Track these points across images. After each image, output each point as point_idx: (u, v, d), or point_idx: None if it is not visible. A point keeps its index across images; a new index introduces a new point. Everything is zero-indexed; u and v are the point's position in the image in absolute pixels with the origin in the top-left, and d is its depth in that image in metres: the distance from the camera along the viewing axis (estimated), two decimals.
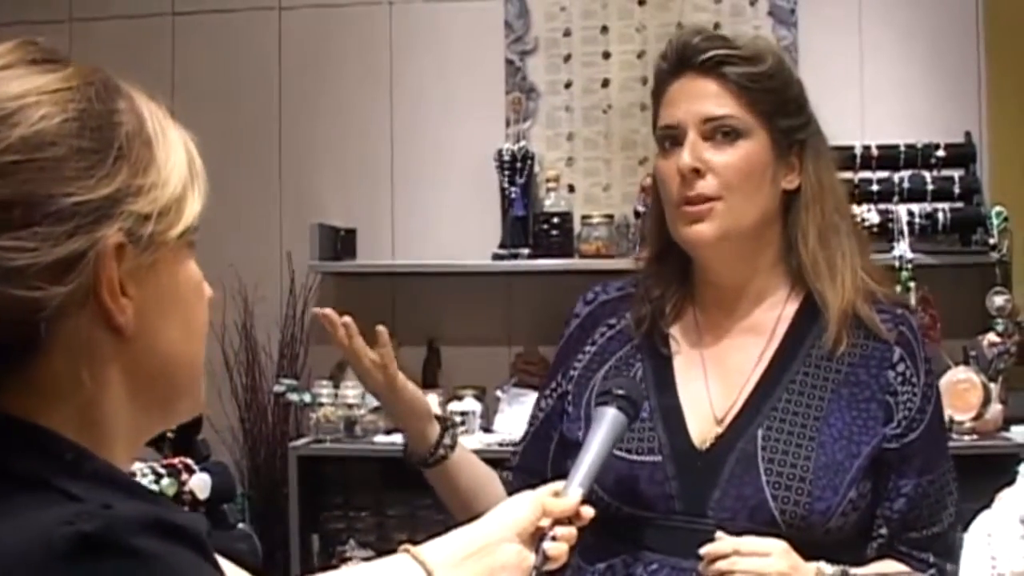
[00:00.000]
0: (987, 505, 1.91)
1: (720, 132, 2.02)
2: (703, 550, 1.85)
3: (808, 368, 2.04)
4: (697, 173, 2.01)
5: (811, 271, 2.05)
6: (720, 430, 2.01)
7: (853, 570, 1.92)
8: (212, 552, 1.04)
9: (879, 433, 2.00)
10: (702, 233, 2.01)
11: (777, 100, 2.06)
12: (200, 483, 3.07)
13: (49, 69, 1.09)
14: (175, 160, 1.13)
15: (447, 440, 2.15)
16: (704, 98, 2.03)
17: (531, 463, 2.21)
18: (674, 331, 2.12)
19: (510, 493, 1.99)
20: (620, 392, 1.83)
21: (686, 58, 2.05)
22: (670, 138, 2.06)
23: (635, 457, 2.00)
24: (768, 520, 1.93)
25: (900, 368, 2.03)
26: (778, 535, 1.89)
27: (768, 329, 2.08)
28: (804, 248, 2.06)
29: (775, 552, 1.84)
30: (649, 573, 1.97)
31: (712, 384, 2.05)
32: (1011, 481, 1.90)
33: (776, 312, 2.09)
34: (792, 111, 2.08)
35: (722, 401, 2.03)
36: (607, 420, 1.81)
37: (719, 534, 1.86)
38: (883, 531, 2.03)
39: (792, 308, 2.09)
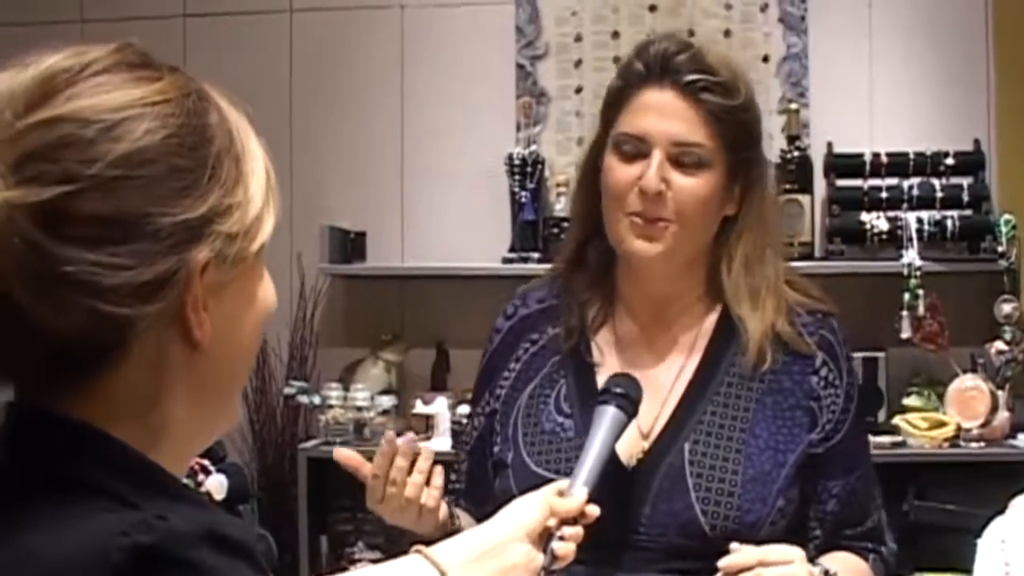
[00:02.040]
0: (999, 512, 1.92)
1: (685, 158, 2.02)
2: (721, 563, 1.86)
3: (732, 379, 2.05)
4: (659, 195, 2.00)
5: (733, 296, 2.06)
6: (646, 445, 2.02)
7: (827, 565, 1.96)
8: (262, 562, 1.04)
9: (804, 440, 2.02)
10: (650, 251, 2.02)
11: (743, 133, 2.06)
12: (216, 484, 3.09)
13: (146, 77, 1.08)
14: (258, 175, 1.13)
15: (455, 524, 2.08)
16: (679, 120, 2.02)
17: (477, 488, 2.18)
18: (598, 340, 2.12)
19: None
20: (619, 391, 1.86)
21: (667, 71, 2.03)
22: (632, 146, 2.04)
23: (558, 476, 1.94)
24: (698, 533, 1.95)
25: (823, 372, 2.06)
26: (706, 547, 1.92)
27: (688, 343, 2.09)
28: (728, 273, 2.06)
29: (797, 559, 1.86)
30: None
31: None
32: None
33: (696, 326, 2.10)
34: (752, 143, 2.09)
35: (646, 416, 2.02)
36: (607, 419, 1.84)
37: (734, 545, 1.87)
38: (818, 532, 2.06)
39: (711, 321, 2.10)
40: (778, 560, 1.85)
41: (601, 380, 2.05)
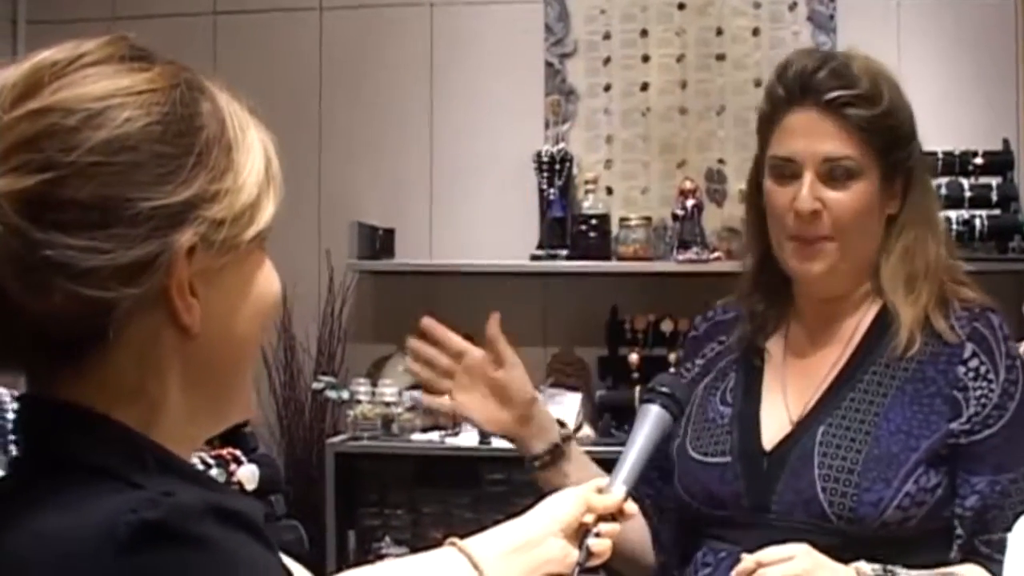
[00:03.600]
0: None
1: (836, 172, 2.04)
2: (731, 575, 1.88)
3: (878, 368, 2.05)
4: (815, 215, 2.03)
5: (889, 287, 2.07)
6: (790, 430, 2.06)
7: (900, 570, 1.91)
8: (269, 537, 1.06)
9: (943, 428, 1.99)
10: (812, 271, 2.06)
11: (891, 137, 2.07)
12: (248, 474, 3.10)
13: (136, 68, 1.10)
14: (253, 165, 1.14)
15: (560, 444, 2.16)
16: (825, 137, 2.04)
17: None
18: (769, 345, 2.17)
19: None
20: (664, 390, 1.85)
21: (808, 91, 2.05)
22: (785, 170, 2.07)
23: (708, 459, 2.08)
24: (820, 513, 1.96)
25: (972, 364, 2.02)
26: (833, 530, 1.93)
27: (847, 335, 2.11)
28: (886, 264, 2.08)
29: (799, 553, 1.87)
30: (718, 561, 2.02)
31: (789, 390, 2.10)
32: None
33: (855, 319, 2.11)
34: (903, 144, 2.09)
35: (796, 405, 2.08)
36: (651, 418, 1.83)
37: (743, 555, 1.89)
38: (959, 531, 2.00)
39: (870, 315, 2.11)
40: (777, 558, 1.86)
41: (767, 375, 2.13)
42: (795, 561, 1.85)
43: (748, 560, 1.87)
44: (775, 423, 2.07)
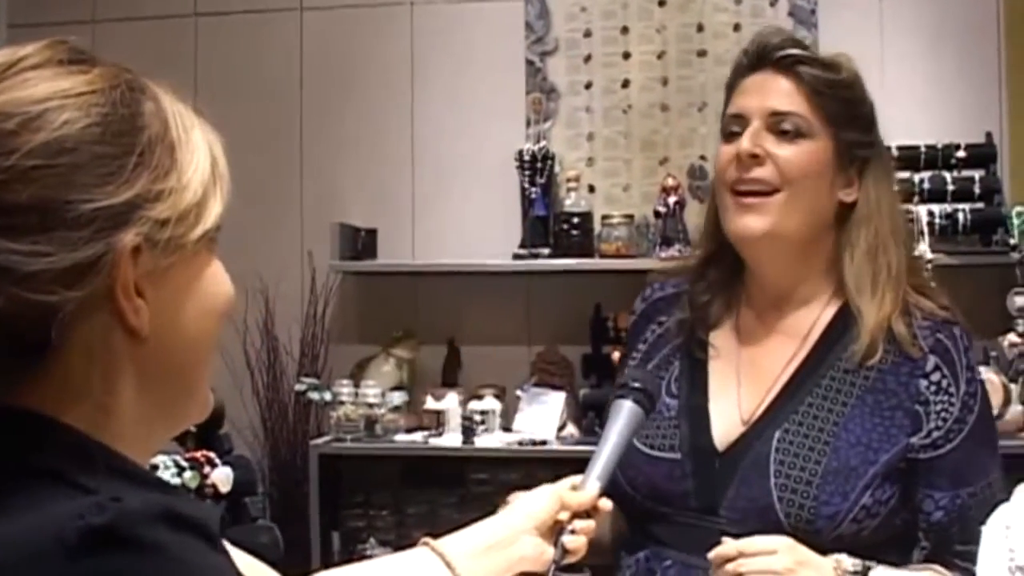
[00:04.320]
0: (1004, 499, 1.91)
1: (784, 128, 2.03)
2: (710, 555, 1.85)
3: (836, 373, 2.02)
4: (755, 159, 2.01)
5: (853, 286, 2.04)
6: (743, 430, 2.02)
7: (876, 566, 1.91)
8: (221, 542, 1.04)
9: (902, 442, 1.97)
10: (753, 226, 2.01)
11: (846, 111, 2.06)
12: (222, 476, 3.09)
13: (76, 71, 1.09)
14: (197, 164, 1.13)
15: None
16: (775, 93, 2.05)
17: None
18: (713, 337, 2.13)
19: None
20: (636, 385, 1.83)
21: (765, 54, 2.07)
22: (734, 127, 2.06)
23: (656, 453, 2.03)
24: (774, 523, 1.93)
25: (934, 377, 2.00)
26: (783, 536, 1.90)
27: (802, 334, 2.07)
28: (850, 262, 2.04)
29: (781, 548, 1.84)
30: (663, 570, 1.99)
31: (743, 386, 2.06)
32: None
33: (813, 316, 2.08)
34: (860, 126, 2.08)
35: (749, 403, 2.04)
36: (624, 413, 1.81)
37: (724, 539, 1.87)
38: (924, 543, 2.00)
39: (829, 313, 2.08)
40: (759, 550, 1.84)
41: (716, 366, 2.09)
42: (777, 557, 1.84)
43: (729, 546, 1.85)
44: (726, 420, 2.03)
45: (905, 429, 1.98)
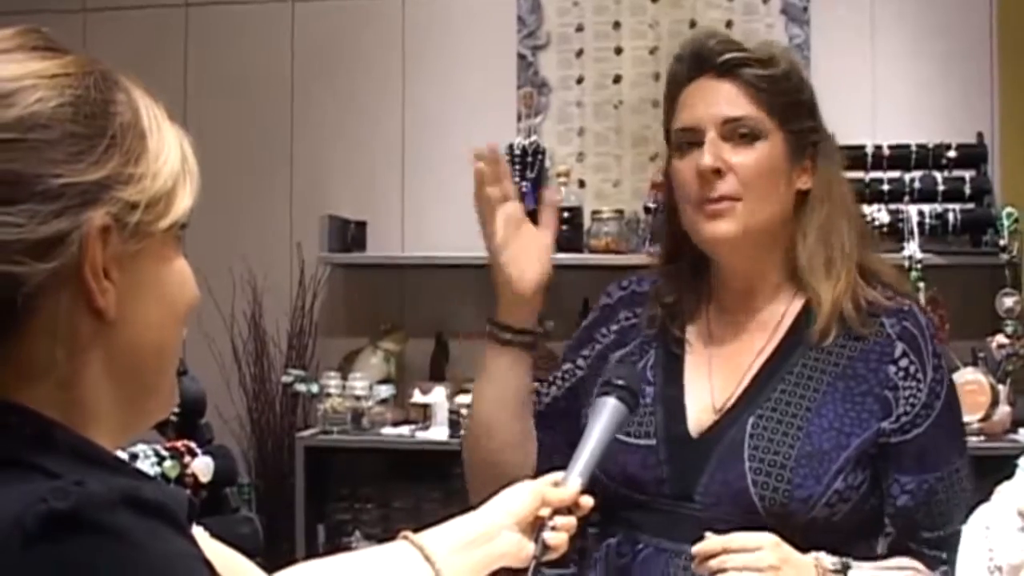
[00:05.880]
0: (983, 499, 1.92)
1: (738, 133, 2.05)
2: (694, 550, 1.86)
3: (807, 360, 2.05)
4: (717, 173, 2.03)
5: (807, 267, 2.07)
6: (716, 418, 2.04)
7: (856, 563, 1.92)
8: (187, 526, 1.04)
9: (873, 427, 2.00)
10: (722, 231, 2.03)
11: (791, 103, 2.09)
12: (203, 466, 3.09)
13: (49, 56, 1.10)
14: (168, 155, 1.14)
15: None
16: (722, 100, 2.06)
17: (557, 416, 2.20)
18: (687, 333, 2.15)
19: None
20: (620, 382, 1.85)
21: (703, 60, 2.08)
22: (688, 140, 2.08)
23: (631, 440, 2.04)
24: (749, 506, 1.95)
25: (903, 363, 2.03)
26: (760, 523, 1.92)
27: (772, 325, 2.10)
28: (803, 245, 2.08)
29: (766, 545, 1.85)
30: (635, 553, 2.00)
31: (715, 376, 2.08)
32: (1010, 475, 1.90)
33: (782, 307, 2.11)
34: (805, 114, 2.11)
35: (722, 392, 2.06)
36: (607, 410, 1.83)
37: (708, 534, 1.87)
38: (890, 528, 2.04)
39: (798, 304, 2.10)
40: (744, 547, 1.85)
41: (689, 360, 2.11)
42: (762, 553, 1.85)
43: (713, 541, 1.85)
44: (700, 409, 2.05)
45: (876, 414, 2.01)
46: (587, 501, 1.73)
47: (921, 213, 4.38)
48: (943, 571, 2.03)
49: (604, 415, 1.83)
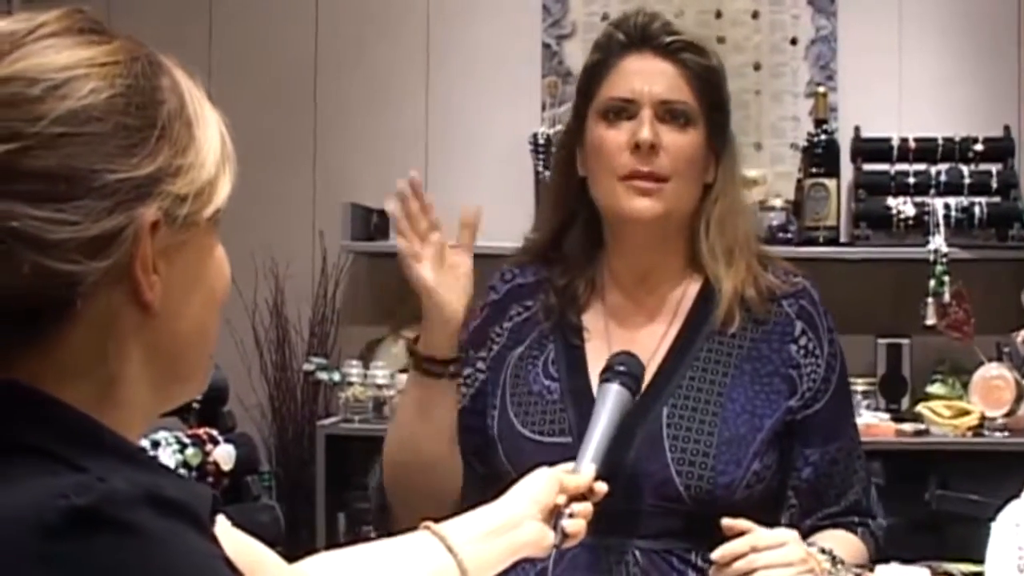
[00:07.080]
0: (1015, 496, 1.91)
1: (672, 116, 2.09)
2: (715, 555, 1.86)
3: (712, 345, 2.10)
4: (653, 149, 2.06)
5: (708, 256, 2.12)
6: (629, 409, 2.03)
7: (838, 552, 1.97)
8: (209, 526, 1.04)
9: (782, 407, 2.07)
10: (647, 207, 2.07)
11: (718, 96, 2.15)
12: (224, 454, 3.08)
13: (95, 40, 1.08)
14: (211, 141, 1.13)
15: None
16: (664, 79, 2.10)
17: (468, 426, 2.17)
18: (585, 320, 2.16)
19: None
20: (621, 368, 1.90)
21: (648, 37, 2.12)
22: (620, 110, 2.10)
23: (546, 439, 2.06)
24: (674, 496, 1.99)
25: (803, 341, 2.10)
26: (685, 511, 1.97)
27: (671, 309, 2.14)
28: (706, 235, 2.12)
29: (790, 540, 1.88)
30: (573, 555, 1.97)
31: None
32: None
33: (678, 293, 2.15)
34: (725, 108, 2.17)
35: None
36: (611, 395, 1.88)
37: (725, 521, 1.88)
38: (794, 501, 2.10)
39: (694, 289, 2.15)
40: (770, 544, 1.85)
41: (588, 347, 2.13)
42: (788, 548, 1.87)
43: (739, 543, 1.86)
44: None
45: (783, 394, 2.08)
46: (601, 487, 1.76)
47: (947, 207, 4.36)
48: (862, 532, 2.12)
49: (609, 401, 1.87)
